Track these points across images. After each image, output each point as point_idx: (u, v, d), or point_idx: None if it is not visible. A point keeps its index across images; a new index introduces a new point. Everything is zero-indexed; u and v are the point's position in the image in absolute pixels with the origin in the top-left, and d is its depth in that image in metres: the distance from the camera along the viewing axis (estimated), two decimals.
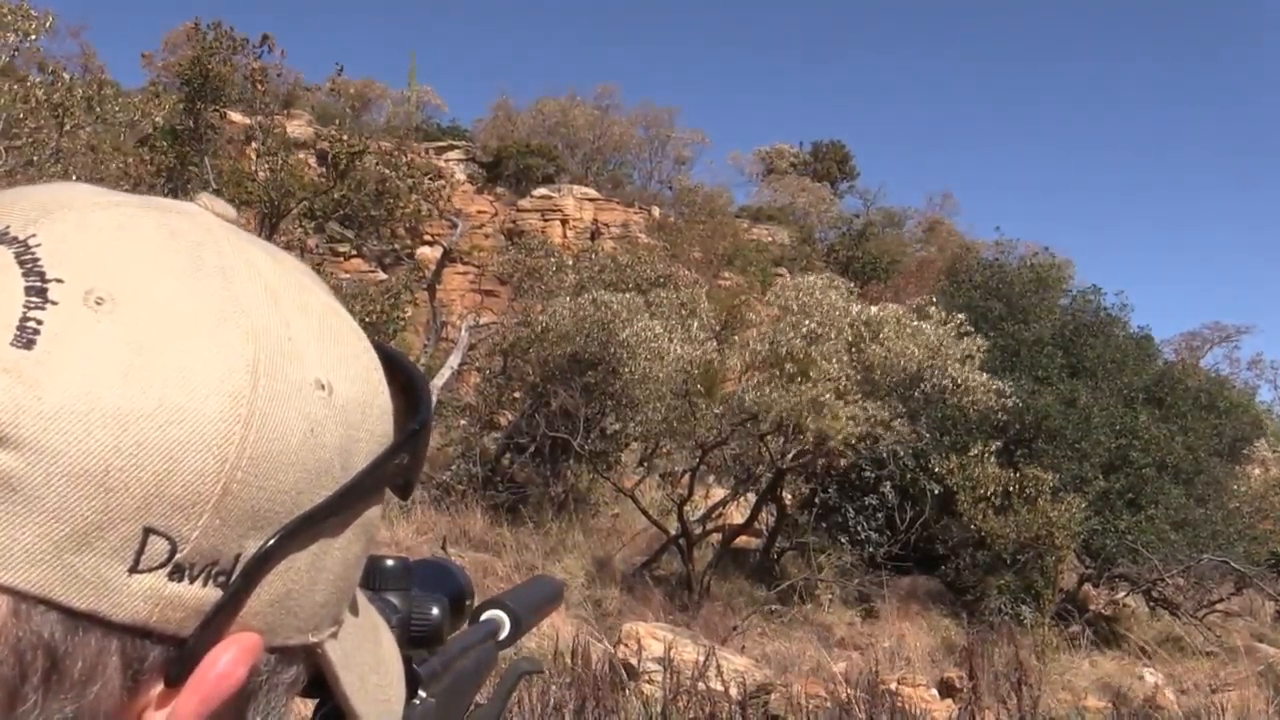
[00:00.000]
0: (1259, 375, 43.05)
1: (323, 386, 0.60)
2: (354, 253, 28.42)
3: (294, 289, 0.64)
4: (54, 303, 0.54)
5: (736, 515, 17.47)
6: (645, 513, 16.51)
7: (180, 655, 0.56)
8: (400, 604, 0.95)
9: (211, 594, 0.57)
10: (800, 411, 14.72)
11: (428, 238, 28.88)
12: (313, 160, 22.69)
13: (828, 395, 14.57)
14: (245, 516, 0.56)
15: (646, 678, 9.00)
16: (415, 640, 0.95)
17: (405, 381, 0.71)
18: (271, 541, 0.58)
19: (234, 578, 0.57)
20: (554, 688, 6.37)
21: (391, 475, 0.67)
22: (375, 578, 0.94)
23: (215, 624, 0.57)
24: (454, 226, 26.06)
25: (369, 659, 0.73)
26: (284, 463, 0.57)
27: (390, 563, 0.96)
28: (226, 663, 0.57)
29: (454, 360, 20.79)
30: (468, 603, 1.06)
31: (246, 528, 0.57)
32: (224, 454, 0.55)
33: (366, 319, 17.21)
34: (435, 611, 0.97)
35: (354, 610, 0.71)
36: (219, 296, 0.58)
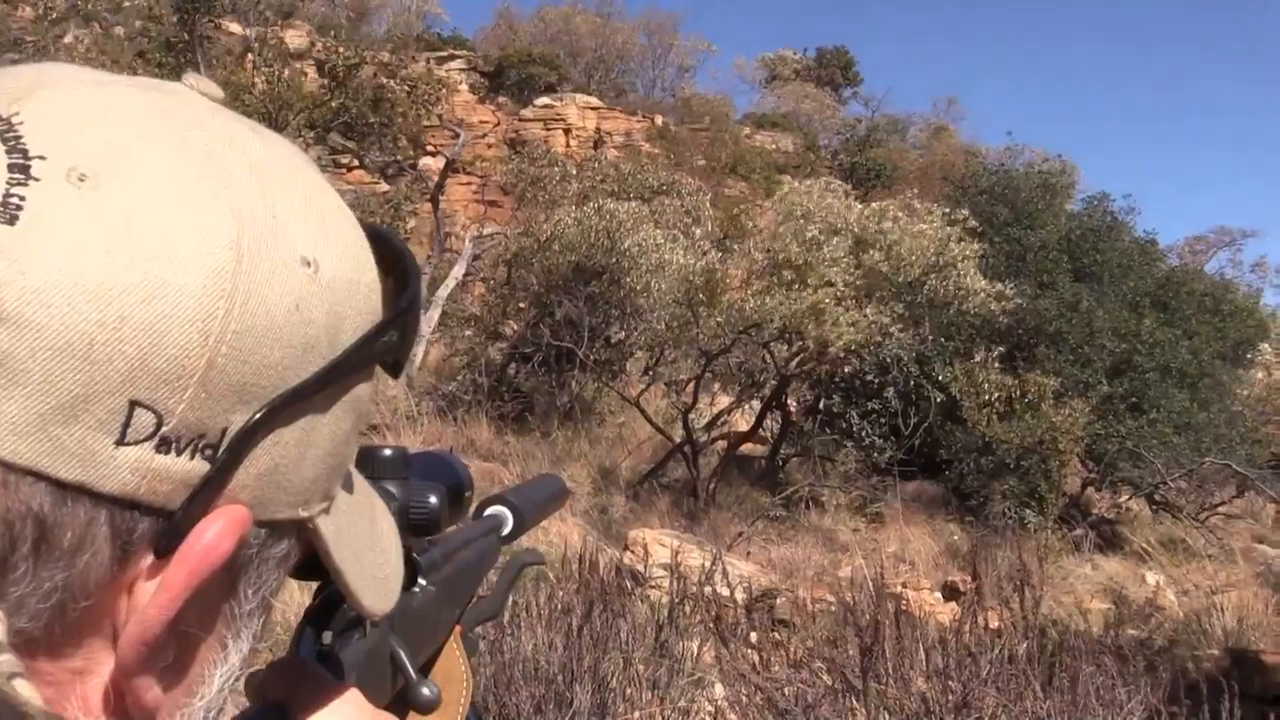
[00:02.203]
0: (1263, 279, 43.14)
1: (308, 264, 0.61)
2: (356, 164, 28.28)
3: (281, 167, 0.64)
4: (37, 179, 0.54)
5: (741, 422, 17.51)
6: (650, 421, 16.56)
7: (169, 527, 0.58)
8: (398, 492, 0.96)
9: (199, 467, 0.57)
10: (800, 318, 14.70)
11: (430, 148, 28.73)
12: (312, 71, 22.54)
13: (827, 301, 14.54)
14: (231, 390, 0.57)
15: (653, 583, 9.07)
16: (414, 528, 0.96)
17: (394, 260, 0.72)
18: (258, 415, 0.59)
19: (221, 451, 0.58)
20: (561, 593, 6.42)
21: (380, 353, 0.67)
22: (372, 466, 0.94)
23: (203, 496, 0.58)
24: (456, 136, 25.83)
25: (364, 536, 0.73)
26: (269, 338, 0.58)
27: (388, 452, 0.98)
28: (214, 534, 0.58)
29: (458, 271, 20.76)
30: (467, 495, 1.06)
31: (233, 402, 0.57)
32: (208, 328, 0.55)
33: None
34: (433, 499, 0.97)
35: (349, 489, 0.72)
36: (203, 173, 0.58)
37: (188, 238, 0.56)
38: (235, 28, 22.18)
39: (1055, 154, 28.41)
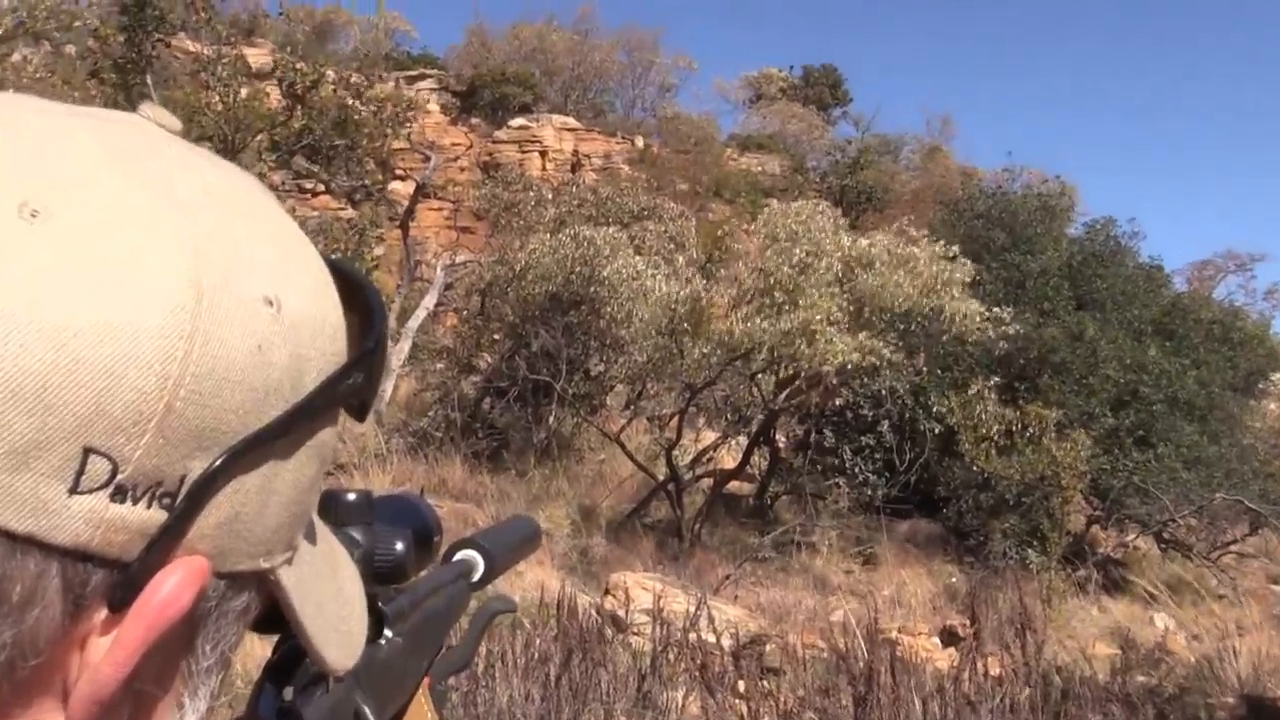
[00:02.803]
0: (1275, 305, 43.05)
1: (271, 302, 0.60)
2: (322, 189, 28.25)
3: (241, 200, 0.64)
4: None
5: (728, 459, 17.49)
6: (632, 458, 16.52)
7: (124, 579, 0.57)
8: (362, 538, 0.96)
9: (156, 516, 0.57)
10: (792, 339, 14.67)
11: (400, 172, 28.67)
12: (275, 91, 22.54)
13: (818, 319, 14.51)
14: (190, 436, 0.56)
15: (635, 630, 9.04)
16: (379, 576, 0.97)
17: (358, 297, 0.71)
18: (218, 462, 0.58)
19: (179, 500, 0.57)
20: (538, 640, 6.39)
21: (345, 396, 0.67)
22: (336, 511, 0.95)
23: (160, 547, 0.57)
24: (427, 160, 25.89)
25: (327, 587, 0.73)
26: (230, 381, 0.57)
27: (351, 496, 0.97)
28: (172, 587, 0.58)
29: (429, 301, 20.77)
30: (435, 540, 1.06)
31: (191, 448, 0.57)
32: (166, 371, 0.55)
33: (332, 254, 17.14)
34: (399, 546, 0.98)
35: (311, 538, 0.72)
36: (162, 207, 0.58)
37: (146, 275, 0.55)
38: (192, 46, 22.17)
39: (1054, 175, 28.44)
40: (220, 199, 0.62)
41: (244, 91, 19.80)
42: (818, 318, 14.45)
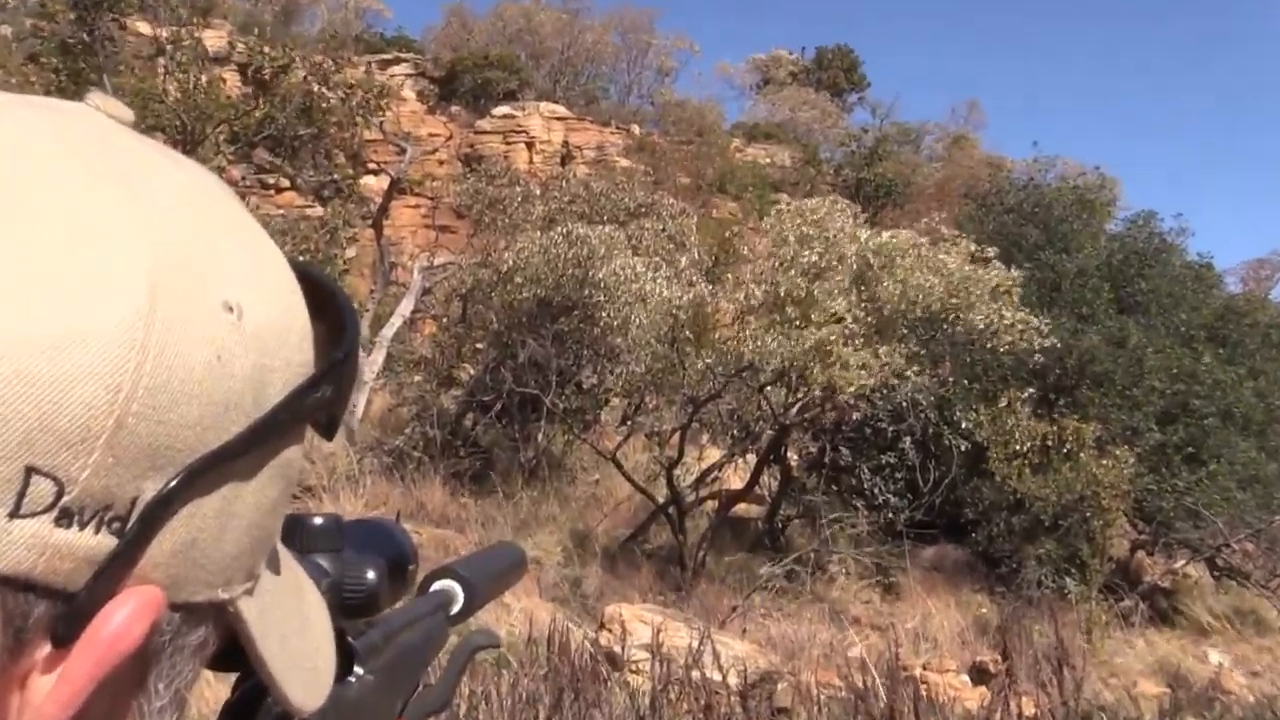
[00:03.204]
0: None
1: (232, 309, 0.60)
2: (287, 184, 28.31)
3: (199, 199, 0.64)
4: None
5: (734, 479, 17.49)
6: (629, 478, 16.53)
7: (70, 611, 0.56)
8: (330, 567, 0.96)
9: (105, 542, 0.56)
10: (804, 361, 14.68)
11: (372, 165, 28.71)
12: (234, 77, 22.57)
13: (834, 338, 14.51)
14: (142, 455, 0.56)
15: (633, 667, 9.03)
16: (349, 608, 0.97)
17: (327, 303, 0.72)
18: (173, 483, 0.58)
19: (130, 524, 0.57)
20: (526, 679, 6.38)
21: (312, 411, 0.67)
22: (301, 537, 0.95)
23: (109, 576, 0.57)
24: (402, 152, 25.88)
25: (292, 620, 0.73)
26: (186, 394, 0.58)
27: (318, 521, 0.98)
28: (123, 619, 0.57)
29: (405, 307, 20.75)
30: (410, 568, 1.07)
31: (144, 467, 0.57)
32: (117, 384, 0.55)
33: (299, 257, 17.14)
34: (371, 574, 0.98)
35: (274, 567, 0.72)
36: (112, 207, 0.58)
37: (96, 279, 0.55)
38: (144, 27, 22.18)
39: (1092, 166, 28.44)
40: (177, 197, 0.62)
41: (204, 78, 19.81)
42: (832, 336, 14.44)
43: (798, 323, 14.89)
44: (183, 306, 0.58)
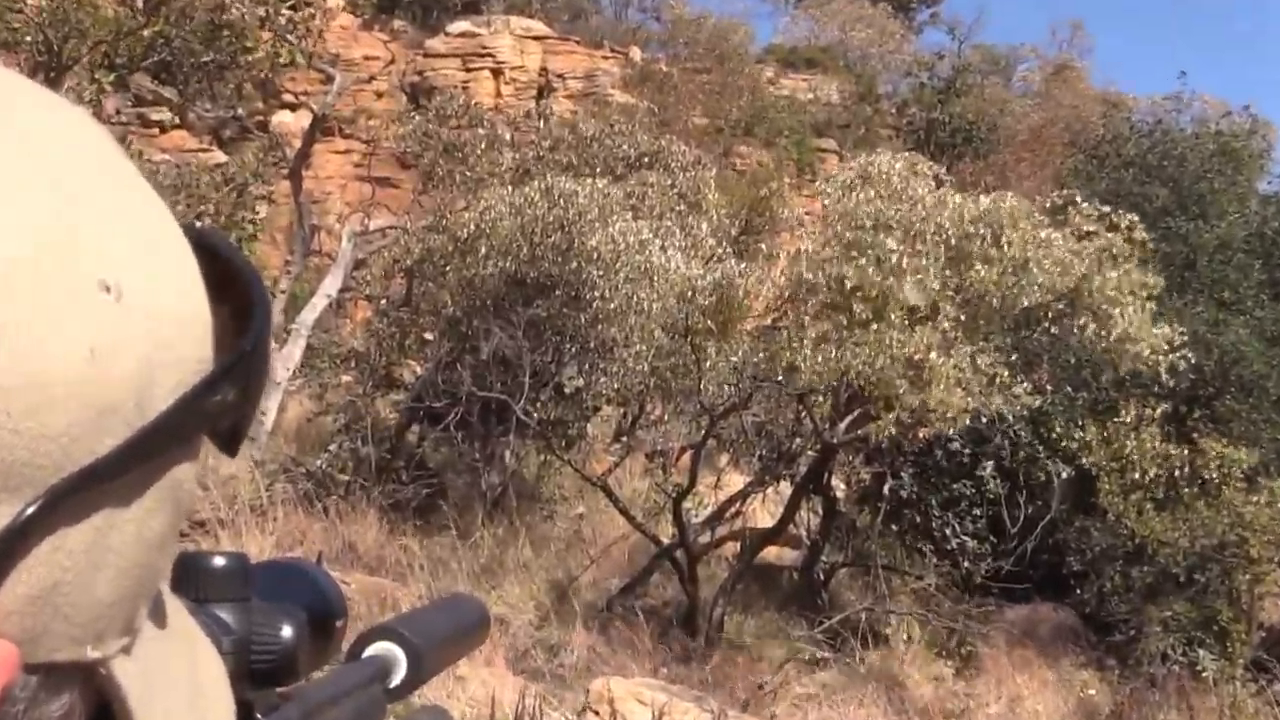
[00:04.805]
0: None
1: (109, 289, 0.60)
2: (176, 121, 28.39)
3: (71, 146, 0.64)
4: None
5: (763, 515, 17.56)
6: (625, 512, 16.60)
7: None
8: (234, 621, 0.97)
9: None
10: (888, 380, 14.27)
11: (288, 97, 28.82)
12: None
13: (926, 346, 14.13)
14: None
15: None
16: (257, 674, 0.98)
17: (231, 281, 0.72)
18: (30, 509, 0.57)
19: None
20: None
21: (211, 418, 0.67)
22: (197, 583, 0.95)
23: None
24: (328, 80, 25.92)
25: (181, 690, 0.73)
26: (49, 397, 0.57)
27: (219, 562, 0.98)
28: None
29: (331, 285, 20.84)
30: (337, 624, 1.09)
31: None
32: None
33: (195, 220, 17.16)
34: (286, 631, 0.99)
35: (159, 620, 0.72)
36: None
37: None
38: None
39: (1240, 106, 28.35)
40: (37, 143, 0.62)
41: None
42: (925, 344, 14.11)
43: (873, 323, 14.52)
44: (47, 286, 0.57)
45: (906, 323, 14.35)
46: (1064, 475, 17.04)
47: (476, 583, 15.89)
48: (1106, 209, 16.03)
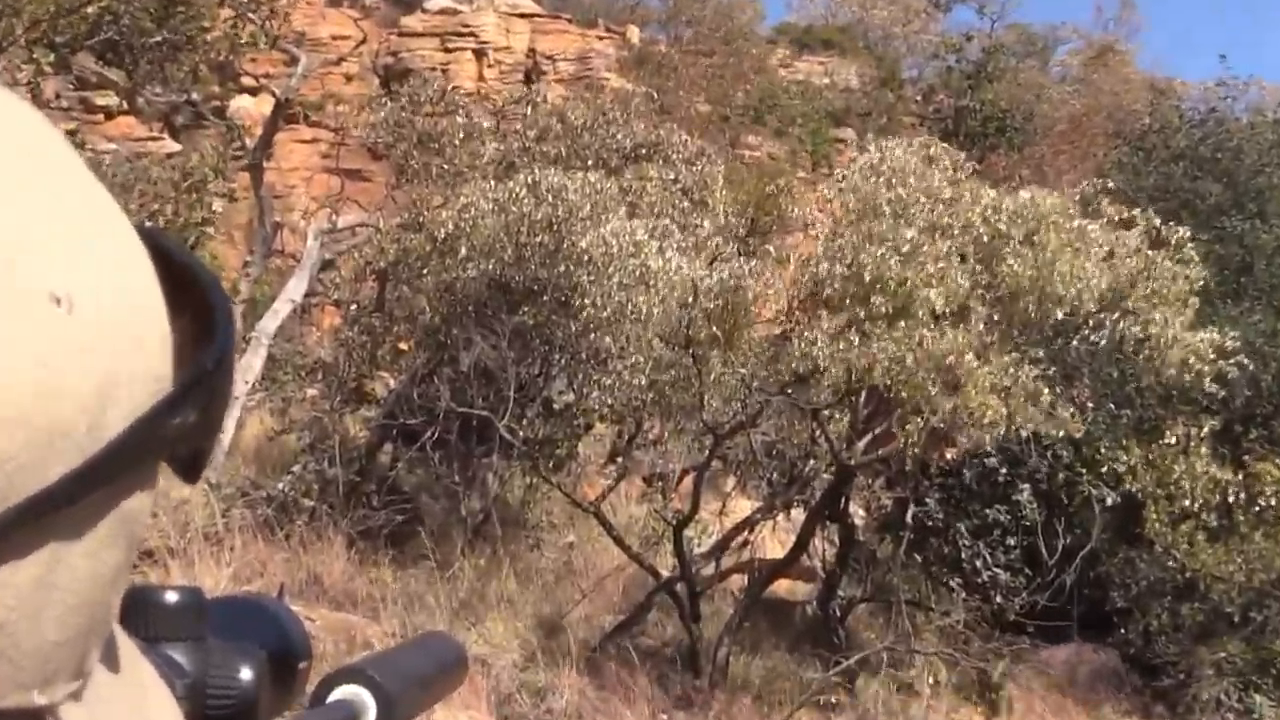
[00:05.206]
0: None
1: (59, 301, 0.61)
2: (123, 106, 28.35)
3: (16, 144, 0.65)
4: None
5: (773, 544, 17.55)
6: (620, 542, 16.57)
7: None
8: (188, 662, 0.97)
9: None
10: (917, 381, 14.19)
11: (248, 80, 28.82)
12: None
13: (962, 346, 14.03)
14: None
15: None
16: (214, 719, 0.98)
17: (189, 291, 0.73)
18: None
19: None
20: None
21: (170, 442, 0.68)
22: (149, 620, 0.95)
23: None
24: (293, 62, 25.91)
25: None
26: None
27: (172, 598, 0.99)
28: None
29: (295, 289, 20.82)
30: (301, 666, 1.11)
31: None
32: None
33: (148, 220, 17.14)
34: (245, 674, 1.00)
35: (111, 662, 0.73)
36: None
37: None
38: None
39: None
40: None
41: None
42: (961, 344, 13.98)
43: (899, 320, 14.43)
44: None
45: (933, 324, 14.25)
46: (1108, 501, 16.99)
47: (455, 619, 15.86)
48: (1137, 211, 15.95)
